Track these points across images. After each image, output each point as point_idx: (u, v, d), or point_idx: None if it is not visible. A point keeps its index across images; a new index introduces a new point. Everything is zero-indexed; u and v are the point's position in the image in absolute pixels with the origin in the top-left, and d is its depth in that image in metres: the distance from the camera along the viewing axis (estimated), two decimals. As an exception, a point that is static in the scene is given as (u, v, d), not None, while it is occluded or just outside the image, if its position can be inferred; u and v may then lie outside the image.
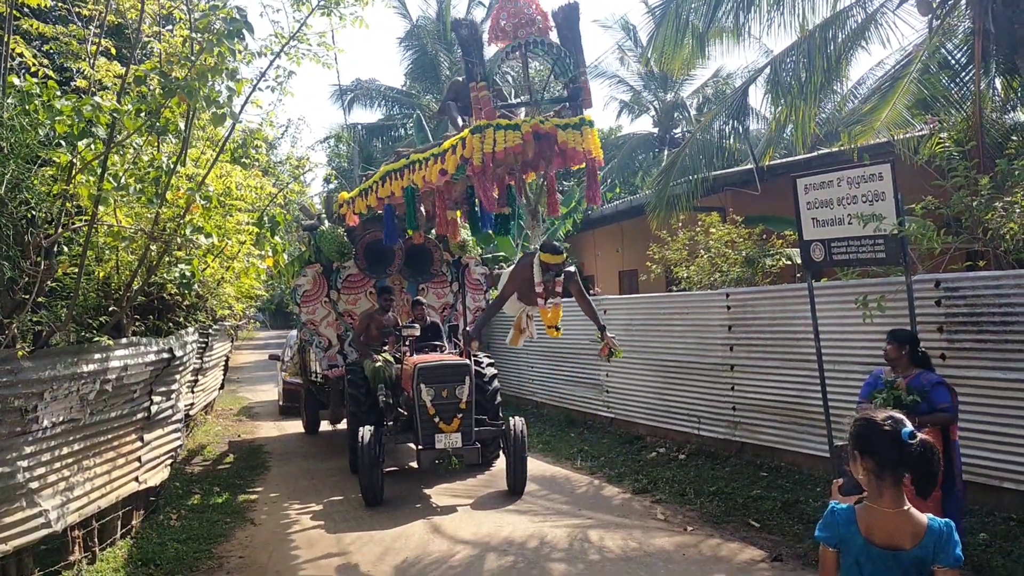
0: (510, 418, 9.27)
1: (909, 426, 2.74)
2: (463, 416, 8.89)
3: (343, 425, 11.88)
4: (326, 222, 11.96)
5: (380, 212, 10.18)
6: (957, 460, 5.88)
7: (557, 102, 7.53)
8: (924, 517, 2.76)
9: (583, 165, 7.46)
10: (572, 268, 7.98)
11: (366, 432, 8.79)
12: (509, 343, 8.93)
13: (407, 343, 10.19)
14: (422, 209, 10.12)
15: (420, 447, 8.83)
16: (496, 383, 10.43)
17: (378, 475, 8.76)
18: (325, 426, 13.87)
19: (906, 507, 2.76)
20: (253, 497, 9.48)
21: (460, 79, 8.54)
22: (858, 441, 2.81)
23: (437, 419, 8.79)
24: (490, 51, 7.82)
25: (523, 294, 8.32)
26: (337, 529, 7.99)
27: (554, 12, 7.18)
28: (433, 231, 12.36)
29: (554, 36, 7.25)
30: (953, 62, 11.02)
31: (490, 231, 9.74)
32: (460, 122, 8.26)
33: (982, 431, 6.82)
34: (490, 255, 13.24)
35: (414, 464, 9.27)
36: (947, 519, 2.80)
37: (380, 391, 9.94)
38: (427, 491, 9.42)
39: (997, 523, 6.64)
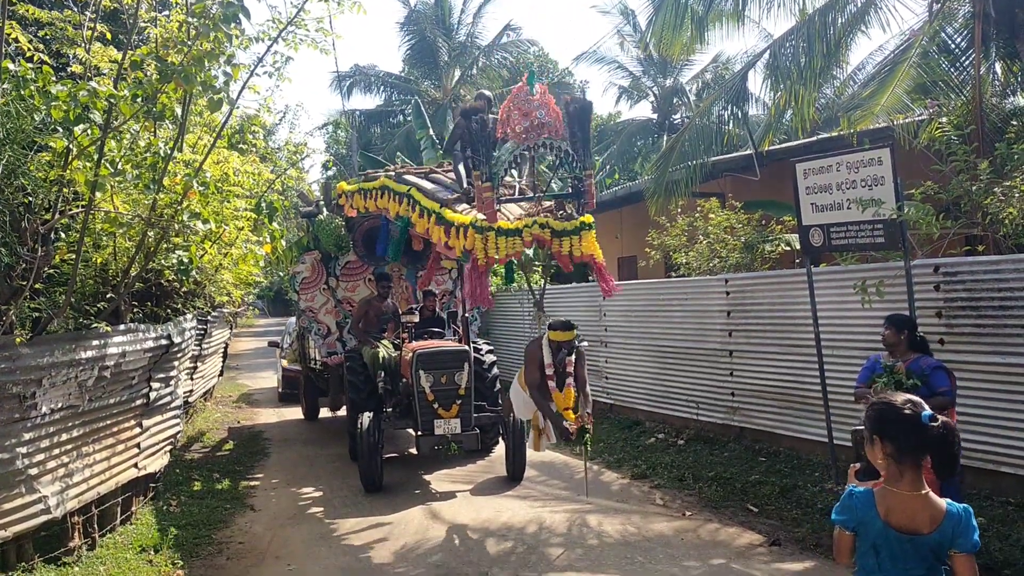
0: None
1: (928, 409, 2.73)
2: (462, 402, 8.89)
3: (342, 412, 11.88)
4: (324, 210, 11.92)
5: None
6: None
7: (560, 197, 7.59)
8: (943, 501, 2.75)
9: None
10: (584, 344, 7.92)
11: (365, 419, 8.78)
12: (531, 448, 8.33)
13: (406, 329, 10.17)
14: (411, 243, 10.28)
15: (419, 433, 8.83)
16: (495, 370, 10.42)
17: (377, 461, 8.76)
18: (324, 413, 13.88)
19: (925, 491, 2.75)
20: (253, 483, 9.50)
21: (478, 102, 8.53)
22: (878, 425, 2.78)
23: (436, 405, 8.80)
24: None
25: (539, 380, 7.80)
26: (337, 515, 8.01)
27: (567, 104, 7.17)
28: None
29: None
30: (953, 46, 10.97)
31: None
32: (464, 177, 8.26)
33: (980, 415, 6.83)
34: None
35: (413, 450, 9.29)
36: (965, 505, 2.80)
37: (379, 378, 9.92)
38: (426, 477, 9.44)
39: (995, 507, 6.66)
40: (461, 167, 8.44)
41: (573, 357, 7.68)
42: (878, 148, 6.94)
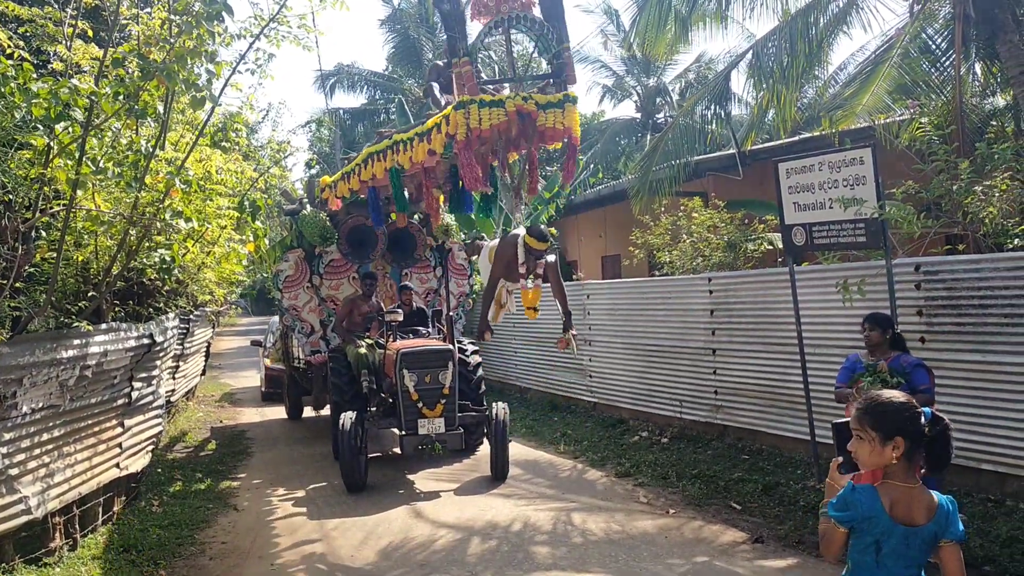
0: (493, 404, 9.22)
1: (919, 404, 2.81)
2: (446, 401, 8.85)
3: (326, 411, 11.85)
4: (308, 207, 11.83)
5: (363, 196, 10.11)
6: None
7: (540, 79, 7.44)
8: (934, 493, 2.81)
9: (560, 145, 7.41)
10: (553, 256, 7.97)
11: (346, 419, 8.70)
12: (490, 319, 8.87)
13: (390, 328, 10.07)
14: (405, 192, 10.06)
15: (403, 433, 8.79)
16: (480, 371, 10.40)
17: (360, 462, 8.72)
18: (308, 412, 13.83)
19: (919, 482, 2.80)
20: (236, 483, 9.45)
21: (441, 62, 8.41)
22: (889, 423, 2.76)
23: (420, 404, 8.75)
24: (473, 27, 7.65)
25: (505, 272, 8.35)
26: (320, 515, 7.99)
27: None
28: (417, 215, 12.30)
29: (537, 11, 7.13)
30: (934, 47, 11.07)
31: (472, 213, 9.68)
32: (443, 102, 8.12)
33: (961, 413, 6.88)
34: (469, 240, 13.15)
35: (398, 450, 9.26)
36: (949, 496, 2.85)
37: (363, 377, 9.86)
38: (411, 476, 9.43)
39: (975, 504, 6.72)
40: (438, 93, 8.34)
41: (543, 261, 7.96)
42: (860, 148, 6.99)
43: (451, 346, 9.28)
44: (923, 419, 2.73)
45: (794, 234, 7.69)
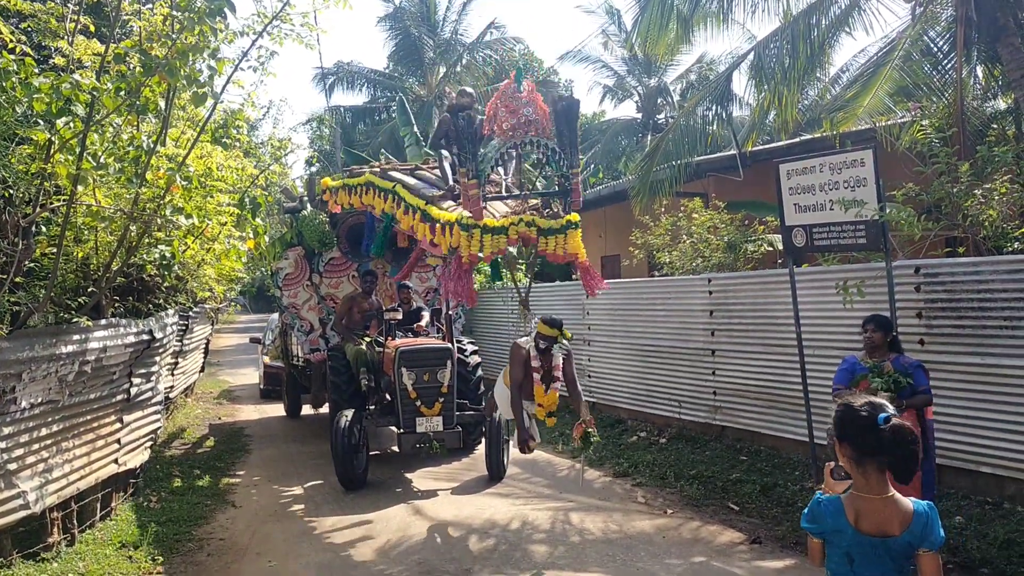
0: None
1: (889, 410, 2.72)
2: (445, 400, 8.87)
3: (325, 409, 11.84)
4: (308, 206, 11.80)
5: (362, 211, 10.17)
6: (931, 439, 5.99)
7: (546, 195, 7.54)
8: (909, 502, 2.76)
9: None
10: (567, 348, 7.70)
11: (343, 417, 8.68)
12: (515, 448, 8.16)
13: (389, 327, 10.04)
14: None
15: (401, 431, 8.78)
16: (479, 370, 10.39)
17: (357, 460, 8.72)
18: (307, 410, 13.82)
19: (891, 493, 2.75)
20: (234, 480, 9.45)
21: (448, 115, 8.43)
22: (837, 428, 2.80)
23: (418, 403, 8.76)
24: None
25: (523, 373, 7.65)
26: (319, 512, 7.99)
27: (554, 102, 7.12)
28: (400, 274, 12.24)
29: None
30: (935, 50, 11.06)
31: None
32: (450, 175, 8.18)
33: (959, 415, 6.90)
34: None
35: (397, 448, 9.24)
36: (929, 501, 2.82)
37: (362, 375, 9.83)
38: (409, 475, 9.43)
39: (973, 506, 6.73)
40: (447, 164, 8.36)
41: (561, 359, 7.56)
42: (861, 149, 6.99)
43: (450, 345, 9.25)
44: (872, 424, 2.68)
45: (794, 235, 7.68)
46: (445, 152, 8.52)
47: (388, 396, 9.41)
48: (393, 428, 9.16)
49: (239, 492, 8.89)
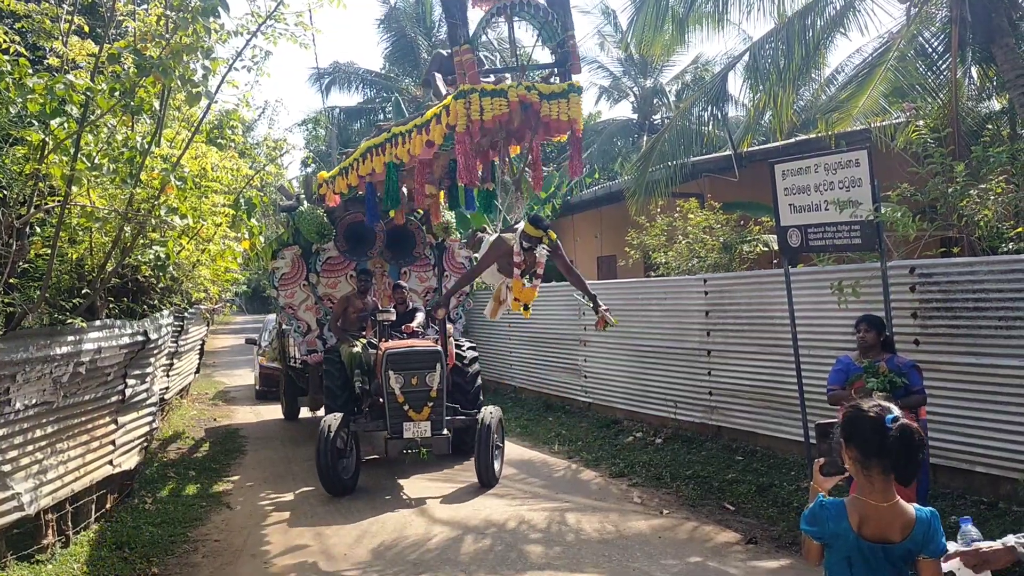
0: (483, 408, 9.07)
1: (895, 412, 2.69)
2: (434, 404, 8.60)
3: (323, 411, 11.77)
4: (305, 203, 11.62)
5: (361, 192, 9.96)
6: (925, 439, 5.99)
7: (544, 68, 7.23)
8: (912, 508, 2.73)
9: (565, 137, 7.19)
10: (557, 244, 7.64)
11: (329, 421, 8.48)
12: (487, 315, 8.58)
13: (382, 328, 9.76)
14: (404, 189, 9.90)
15: (387, 436, 8.56)
16: (476, 366, 10.22)
17: (343, 466, 8.52)
18: (305, 412, 13.78)
19: (895, 499, 2.71)
20: (229, 482, 9.43)
21: (444, 52, 8.16)
22: (845, 429, 2.76)
23: (406, 407, 8.50)
24: (474, 15, 7.38)
25: (502, 266, 7.96)
26: (314, 514, 7.98)
27: None
28: (415, 211, 11.98)
29: None
30: (930, 50, 11.08)
31: (468, 211, 9.52)
32: (444, 92, 7.87)
33: (954, 415, 6.91)
34: (468, 235, 12.99)
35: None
36: (931, 508, 2.79)
37: (356, 378, 9.67)
38: (405, 476, 9.41)
39: (968, 507, 6.73)
40: (440, 84, 7.96)
41: (544, 257, 7.50)
42: (856, 150, 7.00)
43: (439, 347, 8.97)
44: (880, 425, 2.64)
45: (789, 236, 7.69)
46: (436, 56, 8.27)
47: (380, 399, 9.18)
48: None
49: (234, 494, 8.87)
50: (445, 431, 8.65)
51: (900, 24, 11.46)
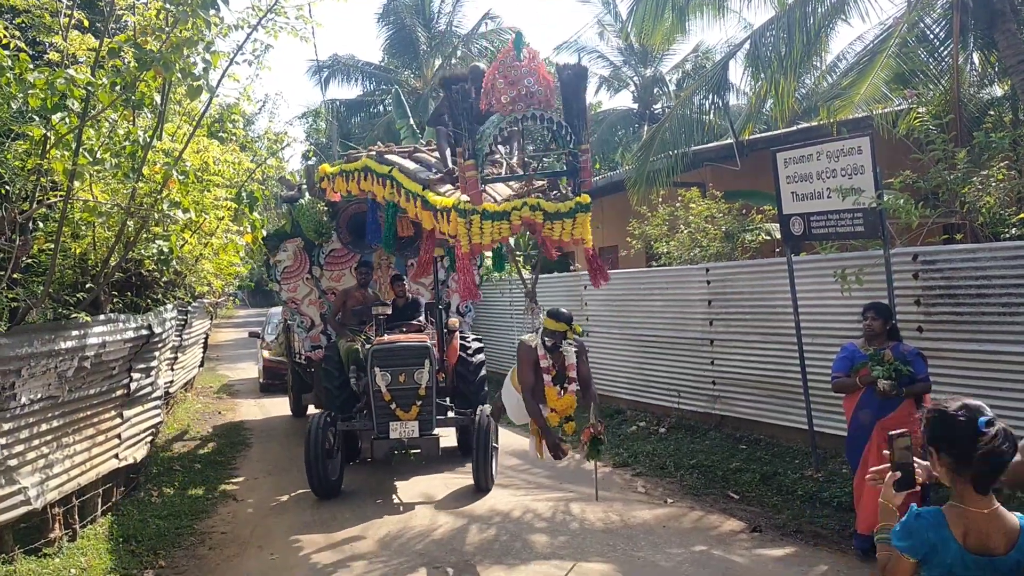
0: (479, 408, 8.60)
1: (988, 413, 2.48)
2: (423, 403, 8.12)
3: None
4: (307, 195, 11.07)
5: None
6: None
7: (553, 176, 6.92)
8: (1014, 516, 2.50)
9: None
10: (580, 343, 6.93)
11: (316, 420, 8.12)
12: (534, 453, 7.19)
13: (377, 323, 9.21)
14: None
15: (373, 436, 8.16)
16: (480, 357, 9.87)
17: (327, 466, 8.09)
18: (313, 409, 13.72)
19: (996, 506, 2.49)
20: (235, 474, 9.47)
21: (446, 92, 7.46)
22: (929, 435, 2.54)
23: (393, 406, 8.06)
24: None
25: (535, 376, 6.78)
26: (319, 505, 8.00)
27: (559, 71, 6.56)
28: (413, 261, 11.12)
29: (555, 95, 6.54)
30: (931, 36, 11.04)
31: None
32: (448, 156, 7.51)
33: (958, 402, 6.89)
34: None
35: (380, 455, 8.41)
36: None
37: (351, 374, 9.23)
38: (409, 468, 9.41)
39: (971, 492, 6.74)
40: (445, 143, 7.67)
41: (573, 356, 6.77)
42: (858, 137, 6.99)
43: (428, 342, 8.50)
44: (974, 430, 2.43)
45: (792, 224, 7.69)
46: (444, 130, 7.63)
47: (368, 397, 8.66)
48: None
49: (240, 487, 8.91)
50: (436, 432, 8.23)
51: (901, 10, 11.42)
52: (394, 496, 8.33)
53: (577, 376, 6.76)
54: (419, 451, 8.10)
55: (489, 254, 8.96)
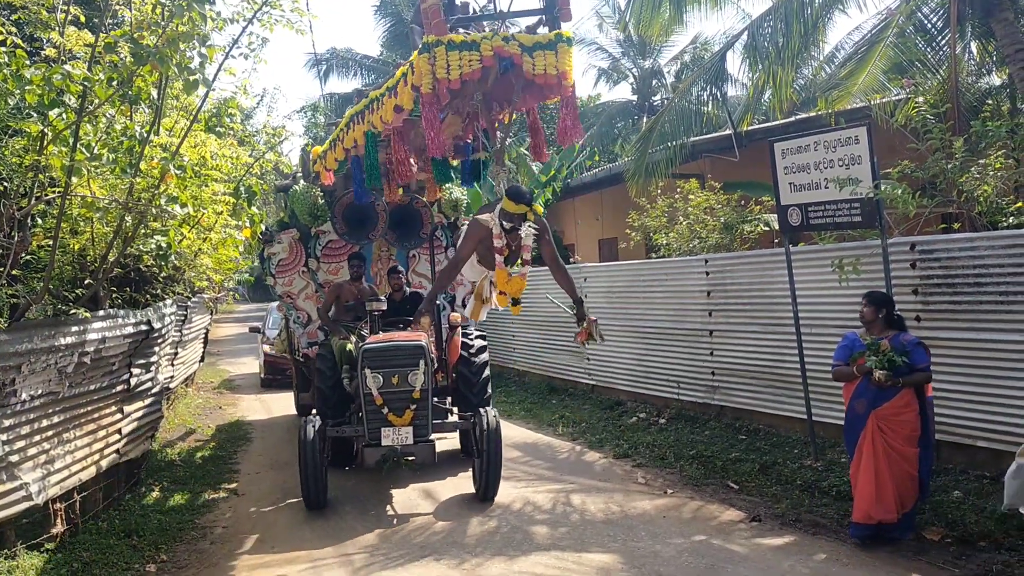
0: (483, 410, 7.79)
1: None
2: (417, 407, 7.51)
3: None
4: (301, 181, 10.52)
5: (349, 167, 8.72)
6: (931, 416, 6.03)
7: (528, 14, 6.30)
8: None
9: (557, 99, 6.19)
10: (543, 223, 6.45)
11: (308, 424, 7.53)
12: (469, 315, 7.36)
13: (372, 319, 8.63)
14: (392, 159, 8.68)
15: (364, 442, 7.57)
16: (484, 356, 9.26)
17: (323, 474, 7.56)
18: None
19: None
20: (236, 469, 9.48)
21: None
22: None
23: (385, 410, 7.44)
24: None
25: (482, 255, 6.64)
26: (320, 498, 8.01)
27: None
28: (408, 187, 10.39)
29: None
30: (929, 26, 11.04)
31: (465, 186, 8.57)
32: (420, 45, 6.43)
33: (956, 391, 6.92)
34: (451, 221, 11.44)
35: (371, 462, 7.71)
36: None
37: (344, 374, 8.71)
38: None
39: (970, 481, 6.76)
40: (417, 36, 6.91)
41: (531, 238, 6.24)
42: (855, 127, 6.99)
43: (422, 341, 7.76)
44: None
45: (790, 214, 7.70)
46: (419, 29, 6.78)
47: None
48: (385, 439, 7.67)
49: (241, 480, 8.92)
50: (432, 437, 7.66)
51: (898, 0, 11.41)
52: (394, 490, 8.36)
53: (544, 258, 6.35)
54: (413, 458, 7.54)
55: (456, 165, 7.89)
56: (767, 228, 11.22)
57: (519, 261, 6.42)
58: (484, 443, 7.49)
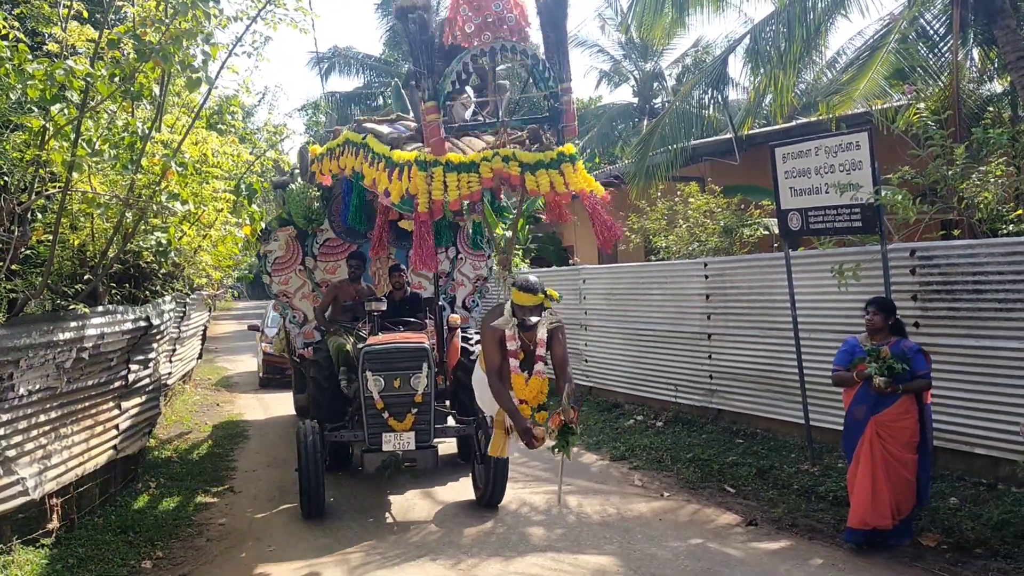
0: (486, 416, 7.30)
1: None
2: (419, 411, 7.30)
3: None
4: (299, 179, 10.16)
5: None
6: (929, 423, 6.04)
7: (531, 122, 6.10)
8: None
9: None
10: (558, 319, 6.10)
11: (307, 428, 7.39)
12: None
13: (371, 320, 8.33)
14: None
15: (364, 448, 7.38)
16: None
17: (322, 481, 7.31)
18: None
19: None
20: (233, 466, 9.48)
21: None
22: None
23: (386, 415, 7.22)
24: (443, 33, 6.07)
25: (502, 354, 6.00)
26: (317, 496, 8.00)
27: (536, 1, 5.74)
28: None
29: (532, 30, 5.80)
30: (931, 32, 11.06)
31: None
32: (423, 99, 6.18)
33: (955, 398, 6.92)
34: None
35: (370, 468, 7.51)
36: None
37: (341, 376, 8.47)
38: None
39: (967, 487, 6.76)
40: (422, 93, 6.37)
41: (546, 332, 5.83)
42: (856, 132, 7.00)
43: (425, 343, 7.58)
44: None
45: (790, 219, 7.70)
46: (413, 84, 6.65)
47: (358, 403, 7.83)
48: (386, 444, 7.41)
49: (238, 478, 8.92)
50: (434, 443, 7.46)
51: (901, 5, 11.43)
52: (390, 491, 8.35)
53: (551, 357, 5.87)
54: (415, 464, 7.33)
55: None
56: (766, 232, 11.23)
57: (534, 363, 5.91)
58: (487, 444, 7.05)
